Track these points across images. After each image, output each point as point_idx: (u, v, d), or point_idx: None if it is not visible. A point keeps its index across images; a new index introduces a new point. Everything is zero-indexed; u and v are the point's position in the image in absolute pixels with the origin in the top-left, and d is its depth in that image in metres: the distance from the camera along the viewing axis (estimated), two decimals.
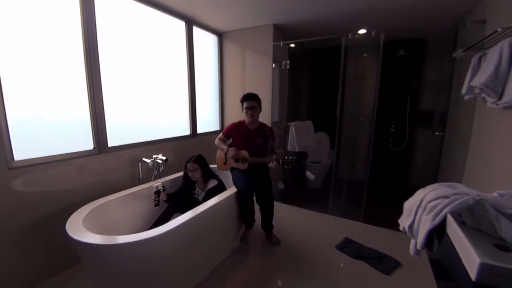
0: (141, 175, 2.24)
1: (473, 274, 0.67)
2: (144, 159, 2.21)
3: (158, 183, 1.96)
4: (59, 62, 1.72)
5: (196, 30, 2.87)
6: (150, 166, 2.20)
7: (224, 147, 2.18)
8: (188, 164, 1.99)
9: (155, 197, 1.88)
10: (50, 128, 1.71)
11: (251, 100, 2.09)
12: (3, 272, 1.52)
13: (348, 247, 2.16)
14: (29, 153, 1.60)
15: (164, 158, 2.18)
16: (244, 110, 2.12)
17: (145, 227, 1.92)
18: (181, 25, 2.69)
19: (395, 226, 1.24)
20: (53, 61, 1.69)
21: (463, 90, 1.81)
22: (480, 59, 1.68)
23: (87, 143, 1.91)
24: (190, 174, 1.99)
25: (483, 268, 0.65)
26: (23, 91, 1.57)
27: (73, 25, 1.77)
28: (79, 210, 1.58)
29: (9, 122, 1.50)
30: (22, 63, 1.55)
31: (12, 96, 1.51)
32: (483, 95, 1.53)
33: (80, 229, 1.37)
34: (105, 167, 2.01)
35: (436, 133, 2.88)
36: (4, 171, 1.49)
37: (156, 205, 1.90)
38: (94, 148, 1.94)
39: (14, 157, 1.54)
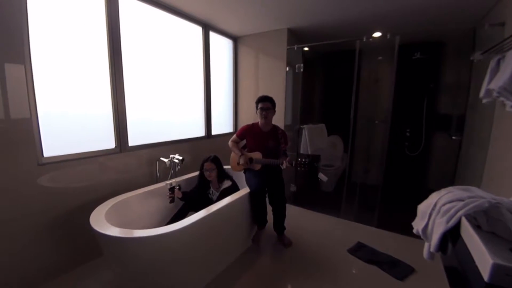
0: (158, 174, 2.33)
1: (486, 275, 0.67)
2: (161, 158, 2.30)
3: (172, 180, 2.03)
4: (86, 67, 1.84)
5: (212, 35, 2.96)
6: (167, 165, 2.28)
7: (238, 151, 2.23)
8: (205, 164, 2.06)
9: (169, 193, 1.96)
10: (77, 127, 1.82)
11: (266, 102, 2.14)
12: (28, 262, 1.62)
13: (361, 251, 2.14)
14: (57, 151, 1.72)
15: (180, 158, 2.26)
16: (258, 111, 2.16)
17: (162, 223, 1.99)
18: (198, 30, 2.79)
19: (409, 232, 1.22)
20: (80, 66, 1.81)
21: (481, 93, 1.78)
22: (498, 61, 1.65)
23: (109, 142, 2.01)
24: (206, 173, 2.06)
25: (496, 269, 0.65)
26: (53, 93, 1.69)
27: (99, 30, 1.89)
28: (101, 205, 1.67)
29: (39, 121, 1.61)
30: (53, 69, 1.67)
31: (43, 97, 1.63)
32: (501, 98, 1.50)
33: (103, 222, 1.45)
34: (125, 165, 2.11)
35: (454, 137, 2.80)
36: (34, 167, 1.60)
37: (171, 201, 1.98)
38: (115, 147, 2.05)
39: (43, 154, 1.65)
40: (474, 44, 2.49)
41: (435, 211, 1.05)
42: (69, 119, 1.78)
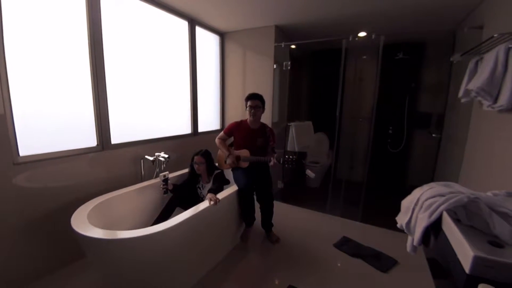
0: (143, 172, 2.27)
1: (467, 267, 0.71)
2: (146, 156, 2.24)
3: (166, 172, 2.00)
4: (66, 62, 1.74)
5: (198, 30, 2.90)
6: (153, 164, 2.22)
7: (225, 150, 2.21)
8: (195, 157, 2.06)
9: (163, 185, 1.95)
10: (55, 124, 1.73)
11: (255, 100, 2.13)
12: (7, 266, 1.54)
13: (346, 245, 2.20)
14: (34, 149, 1.62)
15: (166, 156, 2.22)
16: (248, 108, 2.15)
17: (148, 222, 1.94)
18: (184, 25, 2.72)
19: (392, 225, 1.27)
20: (60, 61, 1.71)
21: (460, 93, 1.86)
22: (477, 63, 1.73)
23: (91, 140, 1.93)
24: (196, 166, 2.07)
25: (477, 261, 0.68)
26: (29, 88, 1.59)
27: (79, 23, 1.80)
28: (83, 206, 1.60)
29: (14, 118, 1.52)
30: (29, 62, 1.57)
31: (18, 93, 1.53)
32: (479, 98, 1.58)
33: (85, 224, 1.40)
34: (108, 164, 2.04)
35: (434, 135, 2.93)
36: (10, 167, 1.51)
37: (165, 192, 1.99)
38: (97, 145, 1.97)
39: (19, 153, 1.56)
40: (454, 46, 2.60)
41: (418, 206, 1.09)
42: (47, 116, 1.69)
